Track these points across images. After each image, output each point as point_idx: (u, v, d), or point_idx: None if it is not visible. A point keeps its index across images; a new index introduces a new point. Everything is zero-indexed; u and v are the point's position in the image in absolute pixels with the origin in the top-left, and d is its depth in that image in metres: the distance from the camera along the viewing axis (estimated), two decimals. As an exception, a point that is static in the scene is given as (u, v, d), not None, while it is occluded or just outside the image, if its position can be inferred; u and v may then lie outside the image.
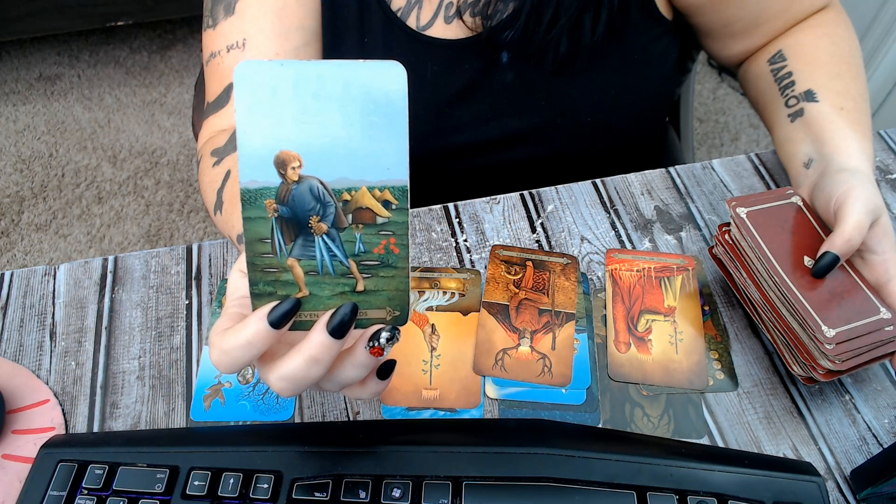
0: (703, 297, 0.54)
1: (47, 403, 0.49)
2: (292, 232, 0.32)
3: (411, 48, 0.59)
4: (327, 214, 0.32)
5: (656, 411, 0.48)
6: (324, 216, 0.32)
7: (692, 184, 0.62)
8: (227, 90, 0.55)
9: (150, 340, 0.53)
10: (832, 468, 0.46)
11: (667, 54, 0.63)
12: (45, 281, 0.56)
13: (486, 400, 0.49)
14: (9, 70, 1.90)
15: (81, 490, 0.42)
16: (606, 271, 0.56)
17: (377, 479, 0.42)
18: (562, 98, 0.61)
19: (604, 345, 0.52)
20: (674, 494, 0.41)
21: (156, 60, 1.93)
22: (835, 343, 0.43)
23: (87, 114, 1.80)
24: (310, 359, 0.32)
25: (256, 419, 0.49)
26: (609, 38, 0.58)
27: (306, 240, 0.32)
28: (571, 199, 0.61)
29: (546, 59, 0.58)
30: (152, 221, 1.59)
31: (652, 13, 0.60)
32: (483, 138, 0.62)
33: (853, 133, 0.52)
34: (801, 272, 0.47)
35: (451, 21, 0.58)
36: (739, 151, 1.67)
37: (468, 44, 0.59)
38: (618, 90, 0.61)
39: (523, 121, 0.62)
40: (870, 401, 0.49)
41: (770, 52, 0.62)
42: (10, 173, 1.68)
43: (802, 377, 0.47)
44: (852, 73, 0.57)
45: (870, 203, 0.46)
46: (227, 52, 0.55)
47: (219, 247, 0.58)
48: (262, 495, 0.42)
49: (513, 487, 0.41)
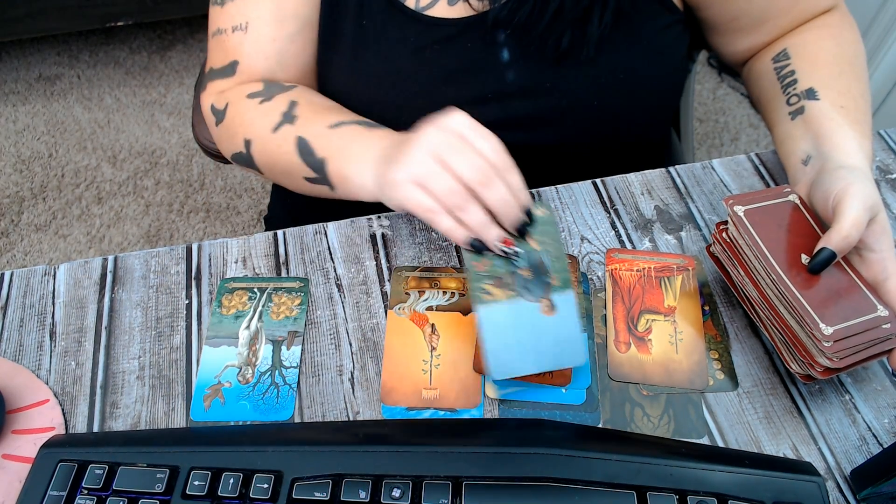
0: (703, 297, 0.54)
1: (47, 403, 0.49)
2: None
3: (412, 28, 0.60)
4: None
5: (656, 411, 0.48)
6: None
7: (692, 184, 0.62)
8: (232, 64, 0.63)
9: (150, 340, 0.53)
10: (832, 468, 0.46)
11: (677, 43, 0.63)
12: (45, 281, 0.56)
13: (486, 400, 0.49)
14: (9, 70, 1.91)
15: (81, 490, 0.42)
16: (606, 271, 0.56)
17: (377, 479, 0.42)
18: (567, 82, 0.60)
19: (604, 345, 0.52)
20: (674, 494, 0.41)
21: (156, 61, 1.93)
22: (832, 341, 0.43)
23: (87, 114, 1.80)
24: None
25: (256, 419, 0.49)
26: (618, 24, 0.58)
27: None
28: (571, 198, 0.61)
29: (547, 50, 0.58)
30: (152, 222, 1.59)
31: (664, 1, 0.60)
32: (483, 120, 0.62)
33: (852, 131, 0.52)
34: (797, 270, 0.47)
35: (455, 3, 0.59)
36: (739, 151, 1.67)
37: (471, 22, 0.59)
38: (626, 76, 0.60)
39: (527, 104, 0.61)
40: (870, 401, 0.49)
41: (775, 50, 0.62)
42: (9, 173, 1.68)
43: (801, 375, 0.47)
44: (855, 73, 0.57)
45: (868, 200, 0.46)
46: (232, 31, 0.62)
47: (219, 247, 0.58)
48: (262, 495, 0.42)
49: (513, 487, 0.41)
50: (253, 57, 0.62)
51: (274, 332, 0.53)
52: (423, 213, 0.47)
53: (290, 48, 0.62)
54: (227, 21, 0.62)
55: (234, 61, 0.63)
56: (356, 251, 0.58)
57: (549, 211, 0.50)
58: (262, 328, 0.53)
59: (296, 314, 0.54)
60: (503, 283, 0.49)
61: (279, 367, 0.51)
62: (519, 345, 0.48)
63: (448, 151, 0.46)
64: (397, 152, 0.49)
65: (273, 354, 0.52)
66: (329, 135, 0.56)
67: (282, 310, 0.54)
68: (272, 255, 0.58)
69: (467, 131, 0.47)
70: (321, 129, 0.56)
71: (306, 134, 0.57)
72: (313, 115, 0.58)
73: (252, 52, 0.62)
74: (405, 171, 0.47)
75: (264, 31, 0.61)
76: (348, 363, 0.51)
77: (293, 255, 0.58)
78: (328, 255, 0.58)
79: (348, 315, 0.54)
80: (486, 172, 0.46)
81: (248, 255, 0.58)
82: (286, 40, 0.62)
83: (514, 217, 0.47)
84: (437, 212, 0.47)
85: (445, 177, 0.46)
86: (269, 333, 0.53)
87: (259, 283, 0.56)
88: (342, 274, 0.56)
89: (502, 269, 0.49)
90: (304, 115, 0.58)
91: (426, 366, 0.51)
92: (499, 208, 0.46)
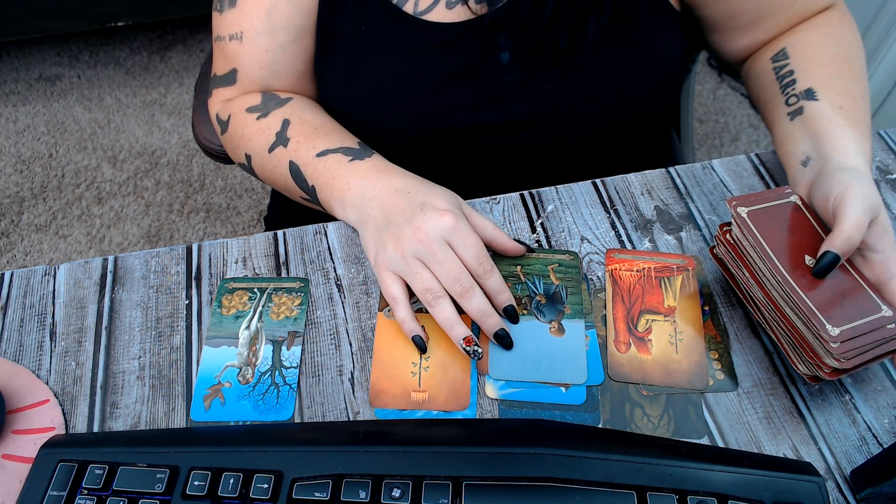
0: (703, 297, 0.54)
1: (47, 403, 0.49)
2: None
3: (411, 33, 0.60)
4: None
5: (656, 411, 0.48)
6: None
7: (692, 184, 0.62)
8: (232, 72, 0.65)
9: (150, 340, 0.53)
10: (832, 468, 0.46)
11: (675, 44, 0.63)
12: (45, 281, 0.56)
13: (486, 400, 0.49)
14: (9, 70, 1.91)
15: (81, 490, 0.42)
16: (606, 271, 0.56)
17: (377, 479, 0.42)
18: (566, 83, 0.61)
19: (604, 345, 0.52)
20: (674, 494, 0.41)
21: (156, 61, 1.93)
22: (839, 342, 0.43)
23: (87, 114, 1.80)
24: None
25: (256, 419, 0.49)
26: (617, 26, 0.58)
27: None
28: (571, 198, 0.61)
29: (545, 51, 0.58)
30: (152, 222, 1.59)
31: (661, 2, 0.60)
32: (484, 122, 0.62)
33: (851, 132, 0.52)
34: (802, 271, 0.47)
35: (454, 7, 0.59)
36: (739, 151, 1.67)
37: (469, 26, 0.59)
38: (624, 77, 0.61)
39: (525, 106, 0.62)
40: (870, 401, 0.49)
41: (773, 49, 0.62)
42: (9, 174, 1.68)
43: (808, 376, 0.47)
44: (854, 73, 0.57)
45: (868, 201, 0.46)
46: (230, 40, 0.63)
47: (219, 247, 0.58)
48: (262, 495, 0.42)
49: (513, 487, 0.41)
50: (249, 66, 0.63)
51: (274, 333, 0.53)
52: (389, 300, 0.52)
53: (282, 58, 0.63)
54: (226, 29, 0.63)
55: (234, 69, 0.65)
56: (356, 251, 0.58)
57: (575, 255, 0.56)
58: (263, 328, 0.53)
59: (296, 314, 0.54)
60: (519, 302, 0.54)
61: (279, 368, 0.51)
62: (522, 354, 0.51)
63: (431, 260, 0.50)
64: (385, 228, 0.52)
65: (273, 354, 0.52)
66: (316, 164, 0.58)
67: (282, 310, 0.54)
68: (272, 255, 0.58)
69: (453, 237, 0.50)
70: (310, 156, 0.58)
71: (297, 160, 0.59)
72: (304, 137, 0.60)
73: (248, 61, 0.63)
74: (390, 263, 0.51)
75: (258, 41, 0.62)
76: (348, 363, 0.51)
77: (293, 256, 0.58)
78: (328, 255, 0.58)
79: (348, 315, 0.54)
80: (465, 284, 0.49)
81: (249, 256, 0.58)
82: (279, 50, 0.62)
83: (491, 325, 0.50)
84: (399, 303, 0.51)
85: (423, 277, 0.50)
86: (269, 333, 0.53)
87: (259, 284, 0.56)
88: (342, 274, 0.56)
89: (520, 291, 0.54)
90: (295, 136, 0.60)
91: (415, 368, 0.51)
92: (476, 317, 0.50)
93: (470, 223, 0.53)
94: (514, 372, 0.50)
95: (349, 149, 0.58)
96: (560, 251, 0.57)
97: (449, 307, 0.50)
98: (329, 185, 0.57)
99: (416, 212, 0.51)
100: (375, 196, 0.54)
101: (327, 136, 0.59)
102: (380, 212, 0.53)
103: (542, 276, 0.55)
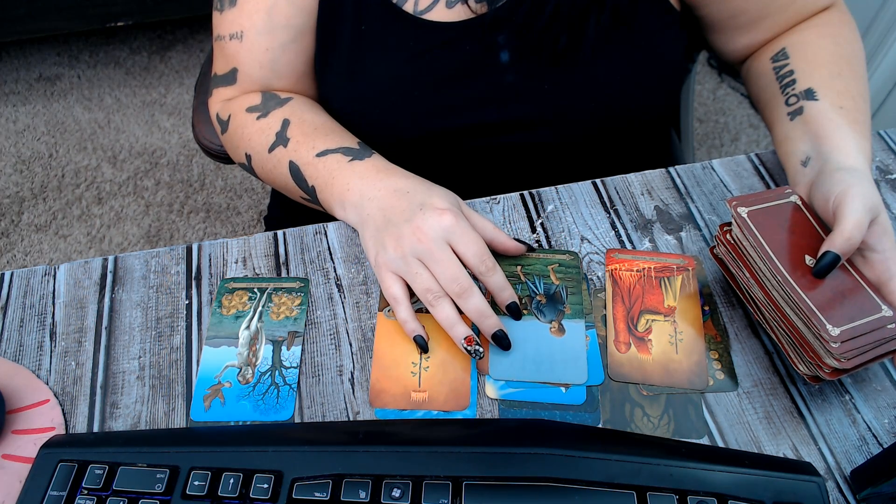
0: (703, 297, 0.54)
1: (47, 403, 0.49)
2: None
3: (411, 33, 0.60)
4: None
5: (656, 411, 0.48)
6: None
7: (692, 184, 0.62)
8: (232, 71, 0.65)
9: (150, 340, 0.53)
10: (832, 468, 0.46)
11: (675, 43, 0.63)
12: (45, 281, 0.56)
13: (487, 400, 0.49)
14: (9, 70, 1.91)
15: (81, 490, 0.42)
16: (606, 271, 0.56)
17: (377, 479, 0.42)
18: (566, 83, 0.61)
19: (604, 345, 0.52)
20: (674, 494, 0.41)
21: (156, 61, 1.93)
22: (840, 342, 0.43)
23: (87, 114, 1.80)
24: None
25: (256, 419, 0.49)
26: (617, 26, 0.58)
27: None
28: (571, 199, 0.61)
29: (545, 51, 0.58)
30: (152, 222, 1.59)
31: (661, 1, 0.60)
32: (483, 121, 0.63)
33: (851, 132, 0.52)
34: (802, 271, 0.47)
35: (454, 6, 0.59)
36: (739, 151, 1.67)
37: (469, 25, 0.59)
38: (625, 76, 0.61)
39: (525, 105, 0.62)
40: (870, 401, 0.49)
41: (773, 49, 0.62)
42: (9, 174, 1.68)
43: (808, 376, 0.47)
44: (854, 73, 0.57)
45: (868, 201, 0.46)
46: (230, 39, 0.63)
47: (219, 247, 0.58)
48: (262, 495, 0.42)
49: (513, 487, 0.41)
50: (249, 65, 0.63)
51: (274, 333, 0.53)
52: (390, 301, 0.52)
53: (282, 57, 0.63)
54: (226, 28, 0.63)
55: (234, 68, 0.65)
56: (356, 251, 0.58)
57: (575, 256, 0.56)
58: (263, 328, 0.53)
59: (296, 314, 0.54)
60: (520, 302, 0.53)
61: (279, 368, 0.51)
62: (522, 354, 0.51)
63: (431, 260, 0.50)
64: (385, 228, 0.52)
65: (273, 354, 0.52)
66: (316, 164, 0.58)
67: (282, 310, 0.54)
68: (272, 255, 0.58)
69: (454, 237, 0.50)
70: (309, 156, 0.58)
71: (297, 160, 0.59)
72: (303, 137, 0.60)
73: (248, 60, 0.63)
74: (390, 264, 0.51)
75: (258, 40, 0.62)
76: (348, 363, 0.51)
77: (293, 256, 0.58)
78: (328, 255, 0.58)
79: (348, 315, 0.54)
80: (462, 284, 0.49)
81: (248, 256, 0.58)
82: (279, 50, 0.62)
83: (489, 325, 0.50)
84: (400, 304, 0.51)
85: (424, 278, 0.50)
86: (269, 333, 0.53)
87: (259, 284, 0.56)
88: (342, 274, 0.56)
89: (520, 291, 0.54)
90: (295, 136, 0.60)
91: (415, 368, 0.51)
92: (474, 317, 0.50)
93: (469, 223, 0.53)
94: (514, 372, 0.50)
95: (349, 149, 0.58)
96: (560, 251, 0.57)
97: (449, 307, 0.50)
98: (329, 186, 0.57)
99: (416, 212, 0.51)
100: (375, 196, 0.54)
101: (327, 136, 0.59)
102: (379, 212, 0.53)
103: (543, 276, 0.55)
